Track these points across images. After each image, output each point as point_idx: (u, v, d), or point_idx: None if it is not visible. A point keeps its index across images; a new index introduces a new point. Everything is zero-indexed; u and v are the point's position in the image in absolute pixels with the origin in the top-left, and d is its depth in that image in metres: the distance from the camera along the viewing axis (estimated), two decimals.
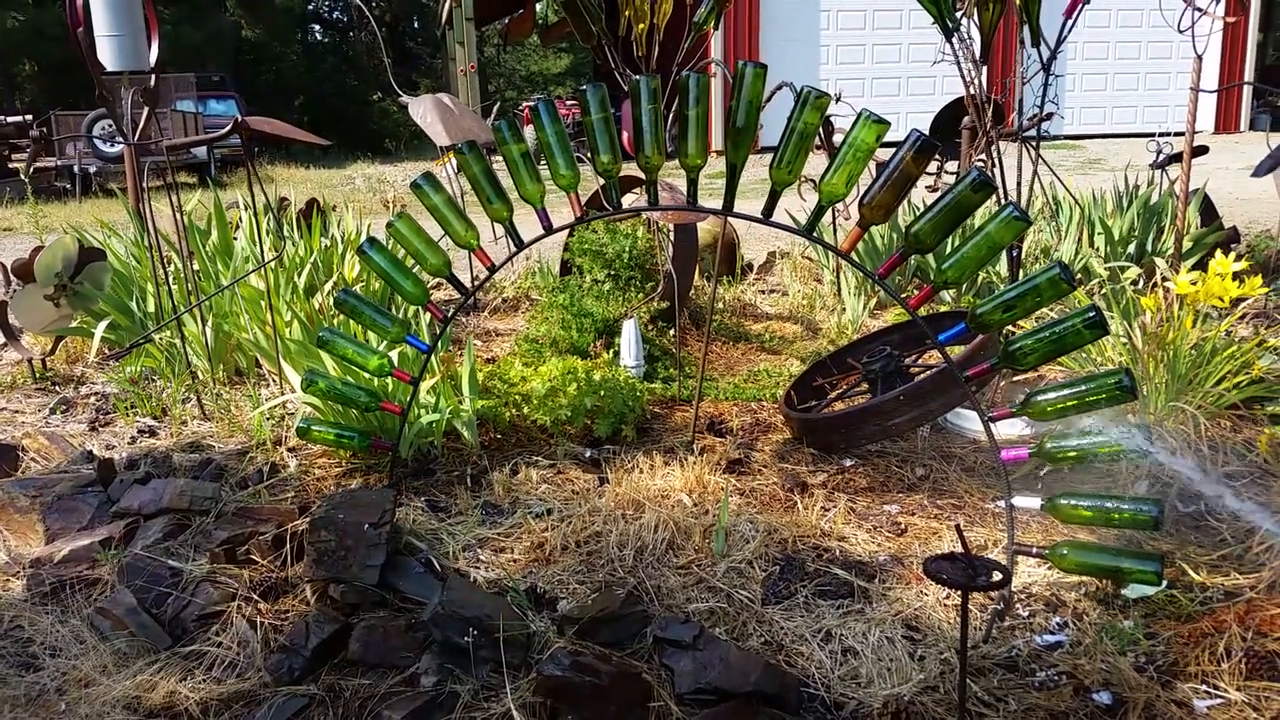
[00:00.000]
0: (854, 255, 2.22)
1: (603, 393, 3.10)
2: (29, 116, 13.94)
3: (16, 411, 3.66)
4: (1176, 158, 4.89)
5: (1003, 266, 4.17)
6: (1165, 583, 2.13)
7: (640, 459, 2.88)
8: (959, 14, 3.07)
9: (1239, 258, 2.65)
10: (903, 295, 2.27)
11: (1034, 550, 2.08)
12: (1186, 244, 4.43)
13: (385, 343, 2.99)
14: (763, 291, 5.31)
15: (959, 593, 1.74)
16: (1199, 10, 3.23)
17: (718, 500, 2.59)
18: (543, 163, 2.45)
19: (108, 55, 4.54)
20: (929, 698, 1.83)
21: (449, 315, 2.57)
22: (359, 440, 2.70)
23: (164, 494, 2.57)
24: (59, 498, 2.66)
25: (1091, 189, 5.17)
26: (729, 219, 2.41)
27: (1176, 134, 4.84)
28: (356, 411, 2.86)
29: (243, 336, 3.81)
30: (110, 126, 12.72)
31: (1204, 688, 1.83)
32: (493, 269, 2.51)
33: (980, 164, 4.03)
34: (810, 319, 4.71)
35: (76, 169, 12.75)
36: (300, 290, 3.99)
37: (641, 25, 3.39)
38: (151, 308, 4.08)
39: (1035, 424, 2.93)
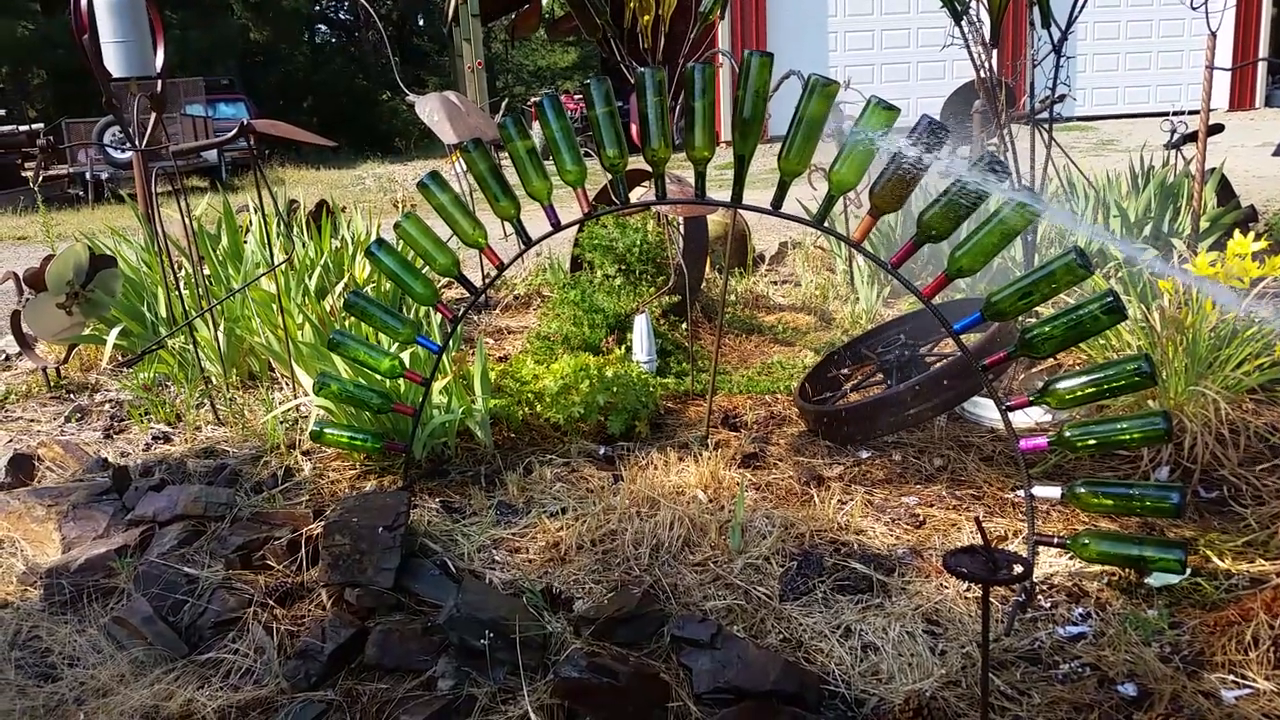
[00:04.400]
0: (866, 244, 2.20)
1: (615, 389, 3.08)
2: (38, 125, 14.00)
3: (32, 420, 3.67)
4: (1191, 137, 4.83)
5: (1018, 252, 4.13)
6: (1189, 570, 2.10)
7: (654, 455, 2.86)
8: None
9: (1258, 237, 2.60)
10: (916, 283, 2.24)
11: (1055, 540, 2.06)
12: (1204, 224, 4.38)
13: (396, 344, 2.98)
14: (775, 282, 5.28)
15: (980, 586, 1.72)
16: None
17: (733, 495, 2.57)
18: (550, 159, 2.43)
19: (114, 61, 4.54)
20: (951, 693, 1.81)
21: (459, 315, 2.56)
22: (372, 442, 2.70)
23: (179, 500, 2.57)
24: (75, 506, 2.66)
25: (1106, 170, 5.11)
26: (739, 210, 2.39)
27: (1191, 112, 4.78)
28: (369, 414, 2.85)
29: (255, 340, 3.81)
30: (120, 133, 12.76)
31: (1231, 677, 1.80)
32: (501, 267, 2.50)
33: (992, 148, 3.99)
34: (823, 309, 4.68)
35: (88, 176, 12.81)
36: (311, 292, 3.98)
37: (647, 17, 3.36)
38: (163, 313, 4.09)
39: (1055, 411, 2.90)
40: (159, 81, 3.73)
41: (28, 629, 2.21)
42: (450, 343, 2.74)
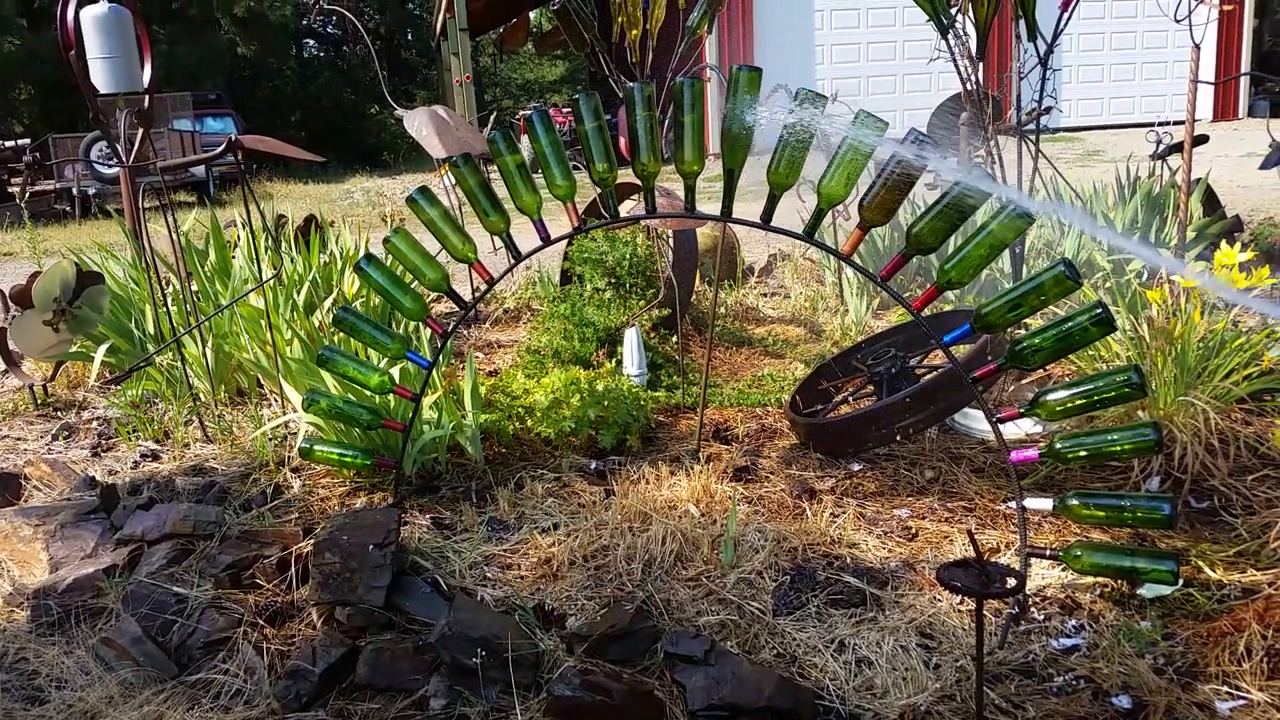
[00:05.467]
0: (855, 257, 2.20)
1: (606, 403, 3.07)
2: (24, 141, 13.96)
3: (19, 439, 3.64)
4: (1177, 148, 4.86)
5: (1006, 264, 4.14)
6: (1181, 581, 2.10)
7: (646, 469, 2.85)
8: (954, 10, 3.05)
9: (1244, 247, 2.61)
10: (905, 295, 2.25)
11: (1048, 552, 2.06)
12: (1190, 234, 4.40)
13: (386, 359, 2.97)
14: (764, 295, 5.29)
15: (973, 599, 1.72)
16: None
17: (725, 509, 2.57)
18: (539, 173, 2.43)
19: (101, 77, 4.52)
20: (946, 706, 1.80)
21: (449, 330, 2.55)
22: (362, 459, 2.68)
23: (167, 519, 2.55)
24: (62, 526, 2.64)
25: (1092, 181, 5.14)
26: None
27: (1176, 123, 4.81)
28: (359, 430, 2.84)
29: (243, 356, 3.79)
30: (107, 148, 12.72)
31: (1225, 689, 1.80)
32: (491, 282, 2.49)
33: (979, 160, 4.00)
34: (813, 321, 4.68)
35: (75, 191, 12.76)
36: (300, 308, 3.97)
37: (635, 31, 3.37)
38: (151, 330, 4.07)
39: (1045, 423, 2.90)
40: (146, 97, 3.72)
41: (15, 651, 2.19)
42: (440, 358, 2.73)
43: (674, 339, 3.98)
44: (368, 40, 6.67)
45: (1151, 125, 5.12)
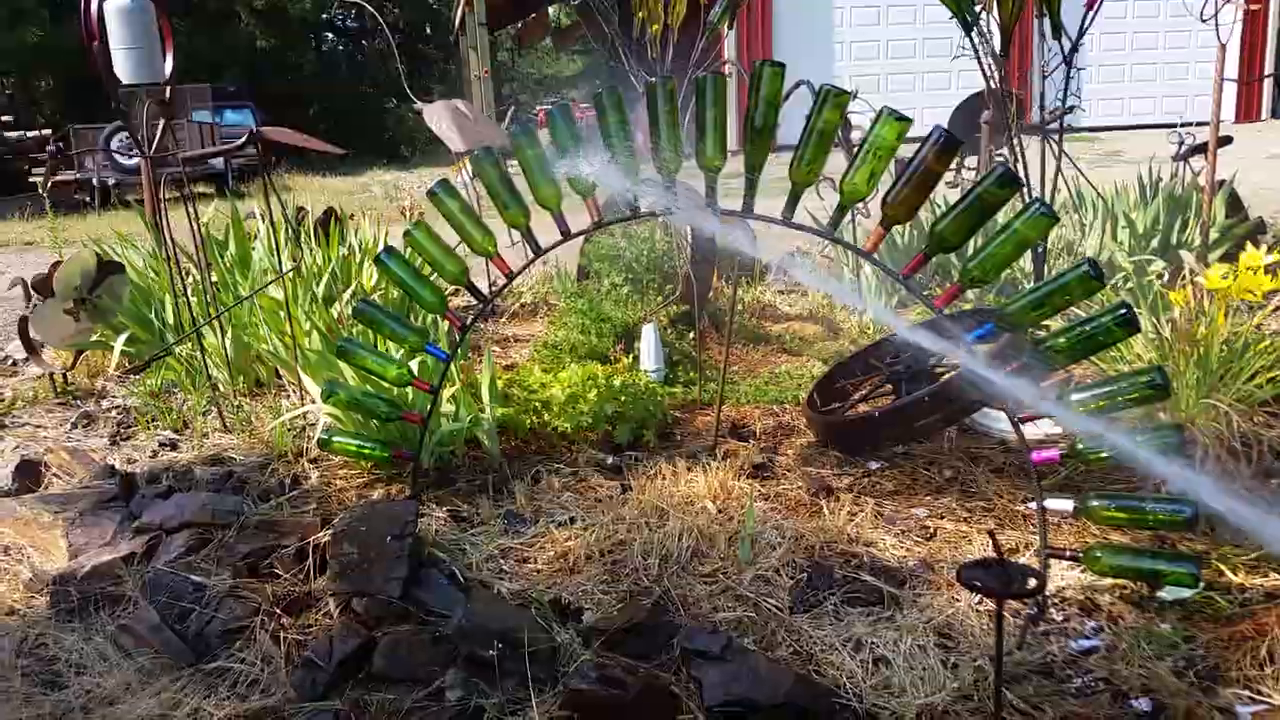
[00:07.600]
0: (876, 255, 2.20)
1: (623, 398, 3.07)
2: (47, 131, 14.05)
3: (39, 426, 3.67)
4: (1199, 149, 4.82)
5: (1027, 264, 4.12)
6: (1202, 584, 2.08)
7: (663, 465, 2.85)
8: (978, 8, 3.03)
9: (1269, 249, 2.59)
10: (925, 293, 2.23)
11: (1067, 553, 2.04)
12: (1213, 235, 4.36)
13: (404, 352, 2.97)
14: (782, 292, 5.27)
15: (994, 599, 1.70)
16: None
17: (742, 506, 2.56)
18: None
19: (124, 68, 4.55)
20: (963, 707, 1.80)
21: (467, 323, 2.55)
22: (380, 451, 2.69)
23: (186, 508, 2.56)
24: (82, 513, 2.66)
25: (1113, 182, 5.10)
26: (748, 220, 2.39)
27: (1199, 124, 4.77)
28: (377, 422, 2.84)
29: (262, 347, 3.81)
30: (128, 139, 12.78)
31: (1246, 693, 1.79)
32: (510, 276, 2.49)
33: (1002, 159, 3.98)
34: (831, 319, 4.66)
35: (96, 182, 12.83)
36: (319, 300, 3.98)
37: (655, 26, 3.36)
38: (171, 320, 4.09)
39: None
40: (167, 88, 3.74)
41: (34, 636, 2.20)
42: (458, 351, 2.73)
43: (691, 335, 3.98)
44: (387, 34, 6.69)
45: (1173, 126, 5.09)
